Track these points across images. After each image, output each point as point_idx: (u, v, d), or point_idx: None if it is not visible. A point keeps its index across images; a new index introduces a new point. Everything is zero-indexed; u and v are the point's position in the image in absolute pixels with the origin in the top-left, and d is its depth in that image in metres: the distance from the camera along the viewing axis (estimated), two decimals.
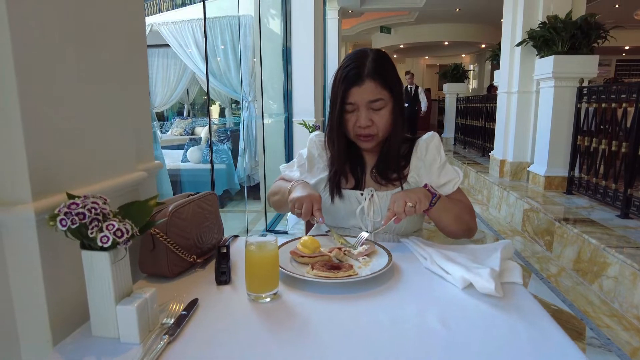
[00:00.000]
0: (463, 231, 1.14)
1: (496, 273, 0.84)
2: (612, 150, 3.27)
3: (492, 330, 0.71)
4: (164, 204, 0.93)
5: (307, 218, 1.03)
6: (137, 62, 1.03)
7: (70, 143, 0.77)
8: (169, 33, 4.99)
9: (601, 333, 2.12)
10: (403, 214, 1.00)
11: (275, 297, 0.81)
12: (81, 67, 0.80)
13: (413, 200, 1.00)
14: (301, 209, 1.03)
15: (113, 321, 0.67)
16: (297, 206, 1.04)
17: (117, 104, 0.92)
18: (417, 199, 1.01)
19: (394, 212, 1.01)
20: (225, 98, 6.58)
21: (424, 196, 1.03)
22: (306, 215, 1.03)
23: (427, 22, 11.27)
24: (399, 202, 1.00)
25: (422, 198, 1.02)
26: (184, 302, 0.78)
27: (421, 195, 1.03)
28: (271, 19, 4.53)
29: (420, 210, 1.02)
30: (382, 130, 1.12)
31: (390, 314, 0.75)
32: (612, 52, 12.55)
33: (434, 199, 1.05)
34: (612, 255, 2.43)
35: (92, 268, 0.66)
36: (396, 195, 1.04)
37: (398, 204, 1.00)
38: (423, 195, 1.03)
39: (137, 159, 1.00)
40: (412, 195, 1.02)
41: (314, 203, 1.04)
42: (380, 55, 1.11)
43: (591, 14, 3.88)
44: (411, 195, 1.02)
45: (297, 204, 1.04)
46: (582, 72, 3.85)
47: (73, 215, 0.62)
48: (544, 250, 3.29)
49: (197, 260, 0.95)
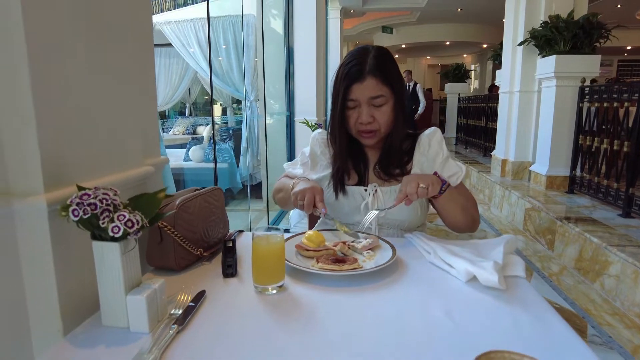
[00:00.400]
0: (467, 223, 1.14)
1: (499, 266, 0.84)
2: (614, 149, 3.27)
3: (497, 322, 0.72)
4: (172, 197, 0.95)
5: (309, 210, 1.04)
6: (145, 59, 1.04)
7: (81, 137, 0.78)
8: (172, 32, 5.00)
9: (603, 331, 2.12)
10: (415, 195, 1.00)
11: (281, 290, 0.82)
12: (91, 64, 0.81)
13: (426, 182, 1.01)
14: (304, 201, 1.03)
15: (123, 311, 0.69)
16: (299, 198, 1.05)
17: (126, 99, 0.93)
18: (429, 181, 1.02)
19: (405, 193, 1.01)
20: (227, 97, 6.59)
21: (435, 181, 1.03)
22: (309, 207, 1.03)
23: (429, 22, 11.27)
24: (411, 183, 1.01)
25: (434, 182, 1.03)
26: (192, 294, 0.79)
27: (433, 179, 1.03)
28: (273, 19, 4.55)
29: (432, 193, 1.02)
30: (383, 127, 1.13)
31: (395, 306, 0.76)
32: (614, 52, 12.53)
33: (443, 186, 1.06)
34: (614, 254, 2.43)
35: (103, 258, 0.68)
36: (408, 178, 1.04)
37: (410, 185, 1.00)
38: (434, 180, 1.03)
39: (145, 154, 1.01)
40: (425, 178, 1.03)
41: (316, 194, 1.04)
42: (382, 52, 1.12)
43: (593, 14, 3.88)
44: (423, 178, 1.02)
45: (299, 196, 1.05)
46: (584, 71, 3.86)
47: (85, 206, 0.63)
48: (546, 249, 3.30)
49: (204, 254, 0.96)
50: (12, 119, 0.67)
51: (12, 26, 0.65)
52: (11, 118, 0.67)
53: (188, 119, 7.97)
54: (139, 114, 0.99)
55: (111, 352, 0.64)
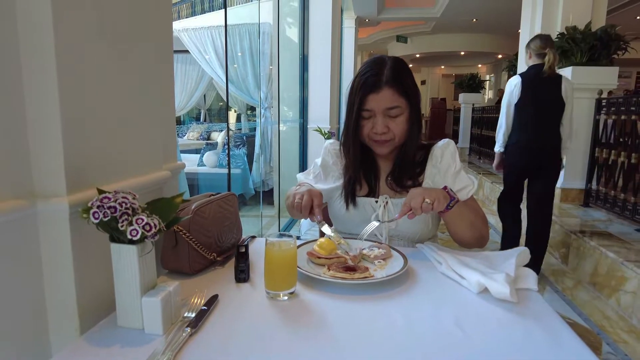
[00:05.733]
0: (476, 239, 1.13)
1: (511, 278, 0.84)
2: (631, 162, 3.22)
3: (508, 334, 0.71)
4: (189, 201, 0.97)
5: (306, 211, 1.02)
6: (165, 66, 1.07)
7: (103, 142, 0.81)
8: (189, 39, 5.09)
9: (618, 349, 2.08)
10: (419, 209, 0.98)
11: (292, 296, 0.83)
12: (115, 72, 0.84)
13: (431, 197, 0.98)
14: (302, 201, 1.02)
15: (138, 312, 0.70)
16: (297, 198, 1.03)
17: (146, 106, 0.95)
18: (435, 197, 0.99)
19: (409, 207, 0.99)
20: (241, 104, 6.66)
21: (442, 196, 1.01)
22: (306, 208, 1.01)
23: (444, 32, 11.27)
24: (416, 198, 0.99)
25: (441, 198, 1.00)
26: (205, 298, 0.80)
27: (440, 195, 1.00)
28: (289, 27, 4.60)
29: (437, 209, 1.00)
30: (398, 137, 1.13)
31: (406, 316, 0.77)
32: (633, 63, 12.31)
33: (451, 202, 1.03)
34: (631, 270, 2.39)
35: (120, 260, 0.69)
36: (415, 191, 1.02)
37: (415, 200, 0.98)
38: (442, 196, 1.01)
39: (164, 158, 1.04)
40: (432, 193, 1.00)
41: (314, 198, 1.03)
42: (398, 63, 1.12)
43: (611, 25, 3.84)
44: (430, 193, 1.00)
45: (298, 196, 1.04)
46: (601, 83, 3.81)
47: (105, 209, 0.65)
48: (559, 262, 3.24)
49: (217, 258, 0.97)
50: (39, 123, 0.70)
51: (42, 35, 0.68)
52: (38, 122, 0.70)
53: (203, 124, 8.07)
54: (158, 120, 1.02)
55: (125, 352, 0.65)
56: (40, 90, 0.69)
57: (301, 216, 1.04)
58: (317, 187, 1.24)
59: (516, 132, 2.87)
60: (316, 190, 1.07)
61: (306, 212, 1.03)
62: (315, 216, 1.02)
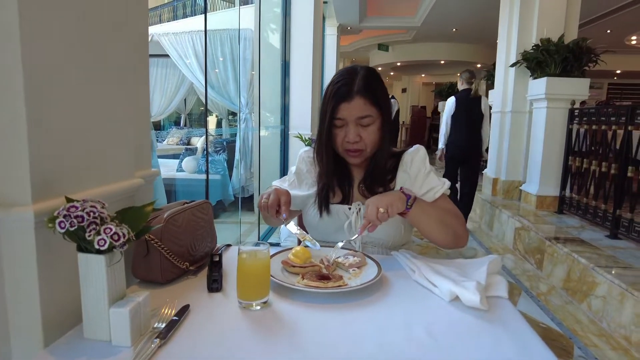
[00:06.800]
0: (448, 238, 1.10)
1: (482, 286, 0.86)
2: (602, 171, 3.32)
3: (477, 341, 0.73)
4: (160, 210, 0.95)
5: (273, 209, 1.02)
6: (139, 70, 1.05)
7: (71, 148, 0.79)
8: (169, 44, 5.05)
9: (589, 352, 2.13)
10: (377, 220, 0.98)
11: (265, 306, 0.82)
12: (84, 75, 0.82)
13: (384, 205, 0.98)
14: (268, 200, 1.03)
15: (105, 324, 0.69)
16: (264, 198, 1.04)
17: (118, 111, 0.94)
18: (388, 203, 0.99)
19: (368, 220, 0.99)
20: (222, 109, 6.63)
21: (396, 199, 1.01)
22: (272, 206, 1.02)
23: (424, 41, 11.46)
24: (370, 208, 0.98)
25: (394, 201, 1.00)
26: (176, 308, 0.79)
27: (393, 199, 1.00)
28: (271, 33, 4.60)
29: (394, 214, 1.00)
30: (370, 146, 1.13)
31: (378, 324, 0.77)
32: (604, 75, 12.80)
33: (409, 201, 1.03)
34: (601, 275, 2.46)
35: (88, 271, 0.68)
36: (368, 201, 1.01)
37: (370, 212, 0.98)
38: (395, 199, 1.01)
39: (136, 166, 1.02)
40: (383, 199, 1.00)
41: (281, 196, 1.03)
42: (370, 73, 1.14)
43: (583, 39, 3.98)
44: (382, 200, 0.99)
45: (264, 196, 1.05)
46: (574, 94, 3.94)
47: (72, 218, 0.64)
48: (535, 268, 3.32)
49: (190, 268, 0.96)
50: (2, 126, 0.68)
51: (7, 32, 0.66)
52: (1, 125, 0.68)
53: (183, 129, 7.99)
54: (131, 126, 1.00)
55: None
56: (4, 91, 0.67)
57: (270, 217, 1.04)
58: (293, 194, 1.25)
59: (452, 135, 4.24)
60: (283, 190, 1.07)
61: (273, 211, 1.03)
62: (281, 214, 1.03)
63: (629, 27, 9.02)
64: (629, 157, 3.04)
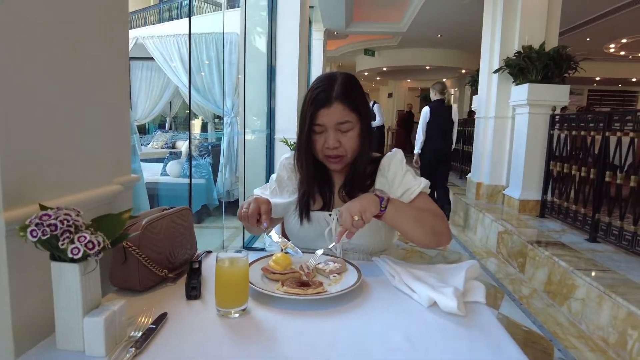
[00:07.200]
0: (430, 236, 1.07)
1: (460, 292, 0.87)
2: (582, 176, 3.40)
3: (454, 347, 0.73)
4: (137, 217, 0.94)
5: (253, 219, 1.01)
6: (119, 73, 1.03)
7: (46, 154, 0.78)
8: (154, 47, 5.01)
9: (569, 354, 2.17)
10: (352, 227, 0.96)
11: (244, 313, 0.82)
12: (60, 76, 0.81)
13: (357, 211, 0.95)
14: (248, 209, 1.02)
15: (79, 334, 0.67)
16: (244, 207, 1.03)
17: (96, 115, 0.93)
18: (360, 209, 0.95)
19: (345, 228, 0.97)
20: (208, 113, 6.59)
21: (369, 202, 0.98)
22: (252, 216, 1.01)
23: (410, 47, 11.59)
24: (345, 216, 0.96)
25: (368, 205, 0.97)
26: (153, 316, 0.78)
27: (366, 203, 0.97)
28: (257, 37, 4.60)
29: (369, 219, 0.97)
30: (350, 152, 1.14)
31: (356, 331, 0.77)
32: (584, 82, 13.11)
33: (382, 202, 1.00)
34: (580, 278, 2.50)
35: (61, 279, 0.67)
36: (342, 209, 0.98)
37: (344, 220, 0.96)
38: (369, 202, 0.98)
39: (114, 172, 1.01)
40: (356, 205, 0.96)
41: (261, 205, 1.02)
42: (349, 79, 1.14)
43: (563, 46, 4.07)
44: (354, 206, 0.96)
45: (244, 206, 1.04)
46: (555, 100, 4.02)
47: (44, 227, 0.63)
48: (517, 272, 3.36)
49: (169, 275, 0.95)
50: None
51: None
52: None
53: (168, 133, 7.91)
54: (111, 129, 0.99)
55: None
56: None
57: (250, 226, 1.03)
58: (274, 202, 1.24)
59: (427, 140, 4.75)
60: (263, 199, 1.06)
61: (253, 220, 1.02)
62: (262, 223, 1.02)
63: (607, 35, 9.27)
64: (606, 162, 3.12)
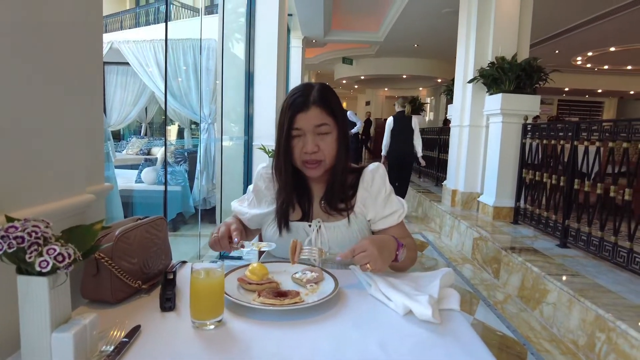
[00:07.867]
0: (410, 263, 1.19)
1: (434, 300, 0.88)
2: (553, 183, 3.51)
3: (429, 355, 0.74)
4: (110, 227, 0.92)
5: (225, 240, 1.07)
6: (92, 78, 1.01)
7: (13, 162, 0.75)
8: (130, 51, 4.93)
9: (541, 358, 2.22)
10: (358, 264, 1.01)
11: (219, 325, 0.81)
12: (29, 80, 0.78)
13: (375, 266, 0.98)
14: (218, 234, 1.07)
15: (47, 350, 0.65)
16: (213, 235, 1.09)
17: (68, 121, 0.90)
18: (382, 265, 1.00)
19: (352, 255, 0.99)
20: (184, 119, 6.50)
21: (390, 254, 1.04)
22: (223, 237, 1.07)
23: (387, 56, 11.77)
24: (362, 259, 0.98)
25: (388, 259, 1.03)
26: (126, 329, 0.76)
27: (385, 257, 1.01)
28: (235, 44, 4.58)
29: (378, 271, 1.01)
30: (328, 157, 1.14)
31: (332, 340, 0.77)
32: (554, 92, 13.60)
33: (399, 255, 1.06)
34: (552, 283, 2.58)
35: (28, 294, 0.64)
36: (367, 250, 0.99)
37: (360, 259, 0.99)
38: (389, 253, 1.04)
39: (87, 181, 0.98)
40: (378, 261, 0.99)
41: (230, 225, 1.08)
42: (325, 87, 1.17)
43: (533, 58, 4.21)
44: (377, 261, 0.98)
45: (213, 235, 1.09)
46: (526, 110, 4.15)
47: (10, 239, 0.61)
48: (492, 277, 3.43)
49: (143, 286, 0.93)
50: None
51: None
52: None
53: (143, 139, 7.76)
54: (82, 137, 0.97)
55: None
56: None
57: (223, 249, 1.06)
58: (253, 213, 1.24)
59: (391, 145, 5.58)
60: (231, 220, 1.11)
61: (225, 242, 1.06)
62: (234, 243, 1.05)
63: (574, 48, 9.65)
64: (575, 170, 3.23)
